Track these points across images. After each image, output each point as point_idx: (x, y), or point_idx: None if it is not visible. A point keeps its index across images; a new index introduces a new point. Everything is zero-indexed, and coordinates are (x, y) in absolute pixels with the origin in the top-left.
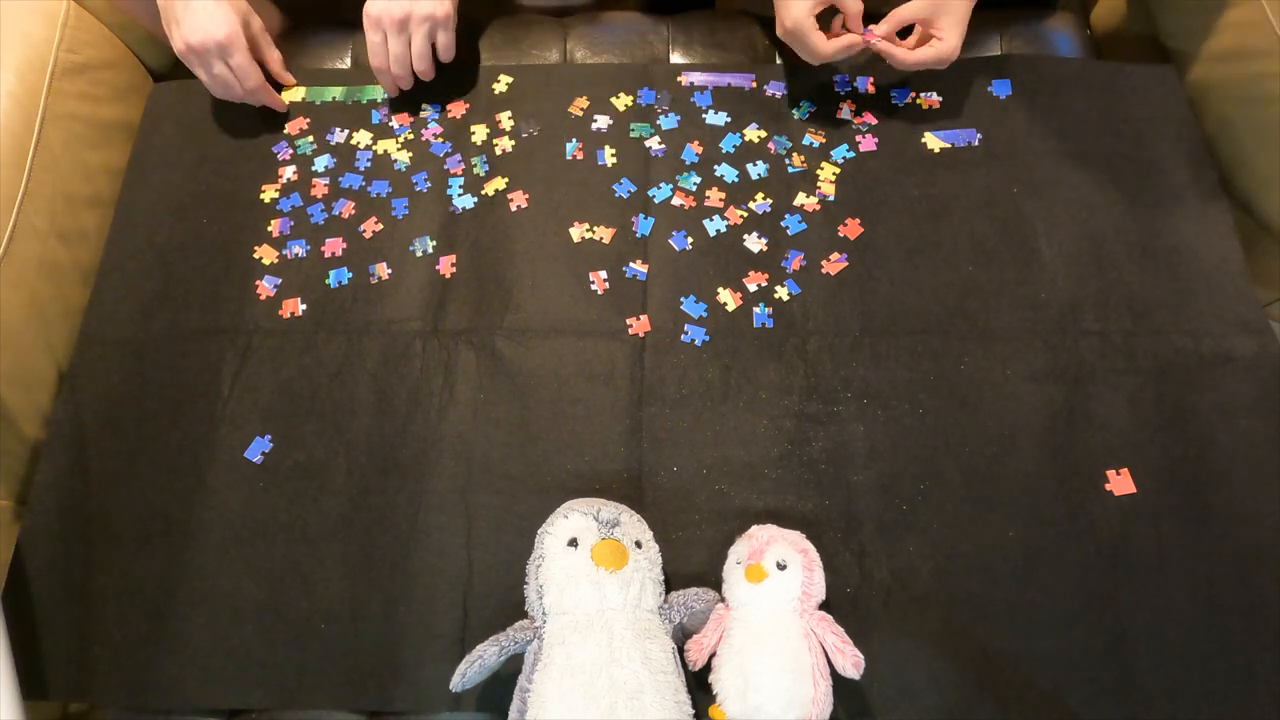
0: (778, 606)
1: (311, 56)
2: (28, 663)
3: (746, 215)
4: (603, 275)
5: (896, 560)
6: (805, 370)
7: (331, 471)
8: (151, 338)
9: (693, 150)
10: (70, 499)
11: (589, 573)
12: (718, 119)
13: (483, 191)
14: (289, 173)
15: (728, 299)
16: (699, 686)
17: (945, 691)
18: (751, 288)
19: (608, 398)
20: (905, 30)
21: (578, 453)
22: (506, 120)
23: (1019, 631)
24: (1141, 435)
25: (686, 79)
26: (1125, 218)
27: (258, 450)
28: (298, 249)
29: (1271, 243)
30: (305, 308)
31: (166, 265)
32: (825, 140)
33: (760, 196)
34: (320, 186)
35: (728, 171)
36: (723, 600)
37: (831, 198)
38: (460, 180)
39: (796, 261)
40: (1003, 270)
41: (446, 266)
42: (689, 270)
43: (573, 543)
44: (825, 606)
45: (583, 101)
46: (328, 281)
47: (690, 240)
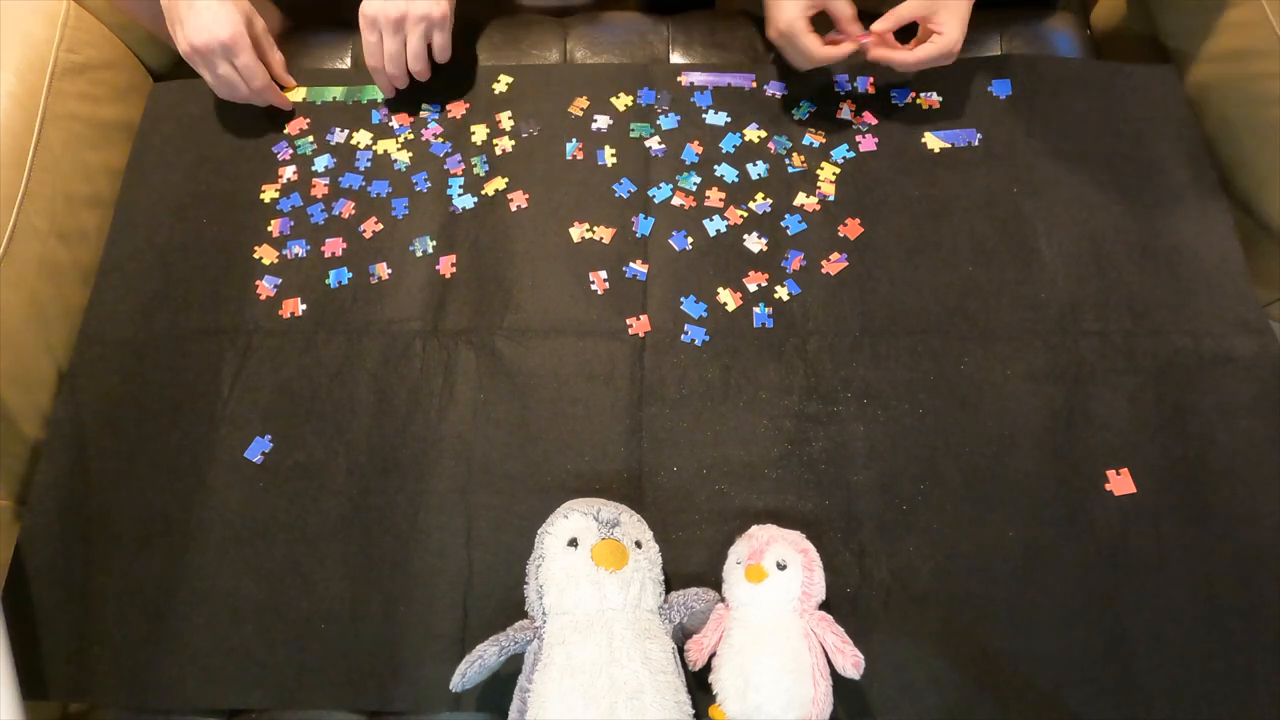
0: (778, 606)
1: (311, 57)
2: (28, 663)
3: (746, 215)
4: (603, 275)
5: (896, 560)
6: (805, 370)
7: (331, 471)
8: (151, 338)
9: (693, 150)
10: (70, 499)
11: (589, 573)
12: (718, 119)
13: (483, 191)
14: (289, 173)
15: (728, 299)
16: (699, 686)
17: (945, 691)
18: (751, 288)
19: (608, 398)
20: (905, 32)
21: (578, 453)
22: (506, 120)
23: (1019, 631)
24: (1141, 435)
25: (686, 79)
26: (1125, 218)
27: (258, 450)
28: (298, 249)
29: (1271, 243)
30: (305, 308)
31: (166, 265)
32: (825, 140)
33: (760, 196)
34: (320, 186)
35: (728, 171)
36: (723, 600)
37: (831, 198)
38: (460, 180)
39: (796, 261)
40: (1003, 270)
41: (446, 266)
42: (689, 270)
43: (573, 543)
44: (825, 606)
45: (583, 101)
46: (328, 281)
47: (690, 240)
